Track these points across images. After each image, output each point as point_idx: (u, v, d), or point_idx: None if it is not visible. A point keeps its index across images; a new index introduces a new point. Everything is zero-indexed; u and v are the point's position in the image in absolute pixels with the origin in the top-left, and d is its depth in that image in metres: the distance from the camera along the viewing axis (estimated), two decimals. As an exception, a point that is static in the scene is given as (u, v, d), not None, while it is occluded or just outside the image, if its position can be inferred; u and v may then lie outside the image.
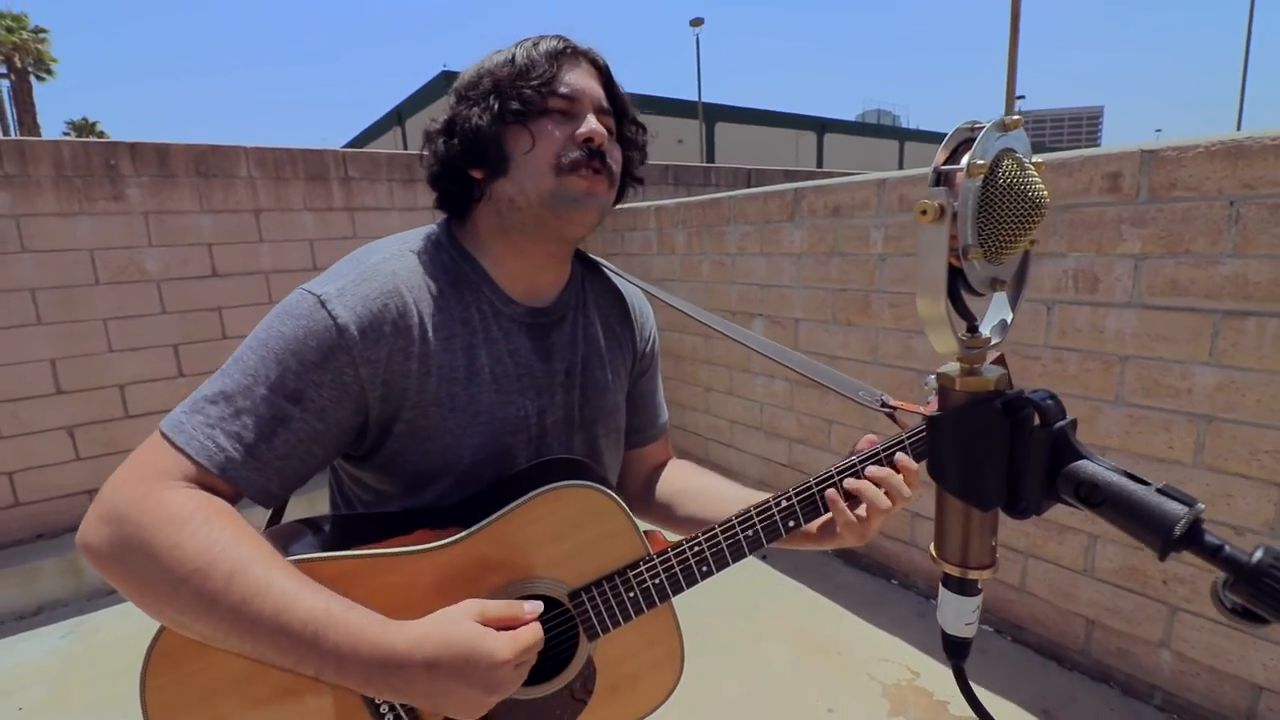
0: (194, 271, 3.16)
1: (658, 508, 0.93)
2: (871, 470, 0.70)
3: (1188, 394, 1.72)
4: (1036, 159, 0.34)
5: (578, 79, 0.72)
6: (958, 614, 0.42)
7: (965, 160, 0.32)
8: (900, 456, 0.71)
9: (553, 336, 0.79)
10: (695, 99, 22.48)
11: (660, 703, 0.79)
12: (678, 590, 0.73)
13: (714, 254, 3.28)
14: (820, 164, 27.29)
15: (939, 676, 2.05)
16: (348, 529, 0.75)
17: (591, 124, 0.71)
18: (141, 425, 3.10)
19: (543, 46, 0.72)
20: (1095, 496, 0.30)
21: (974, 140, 0.32)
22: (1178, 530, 0.27)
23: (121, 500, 0.57)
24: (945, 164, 0.33)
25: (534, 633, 0.62)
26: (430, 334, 0.69)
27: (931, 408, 0.72)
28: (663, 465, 0.99)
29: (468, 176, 0.74)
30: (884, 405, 0.77)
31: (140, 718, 0.61)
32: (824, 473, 0.73)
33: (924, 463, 0.74)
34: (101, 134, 28.74)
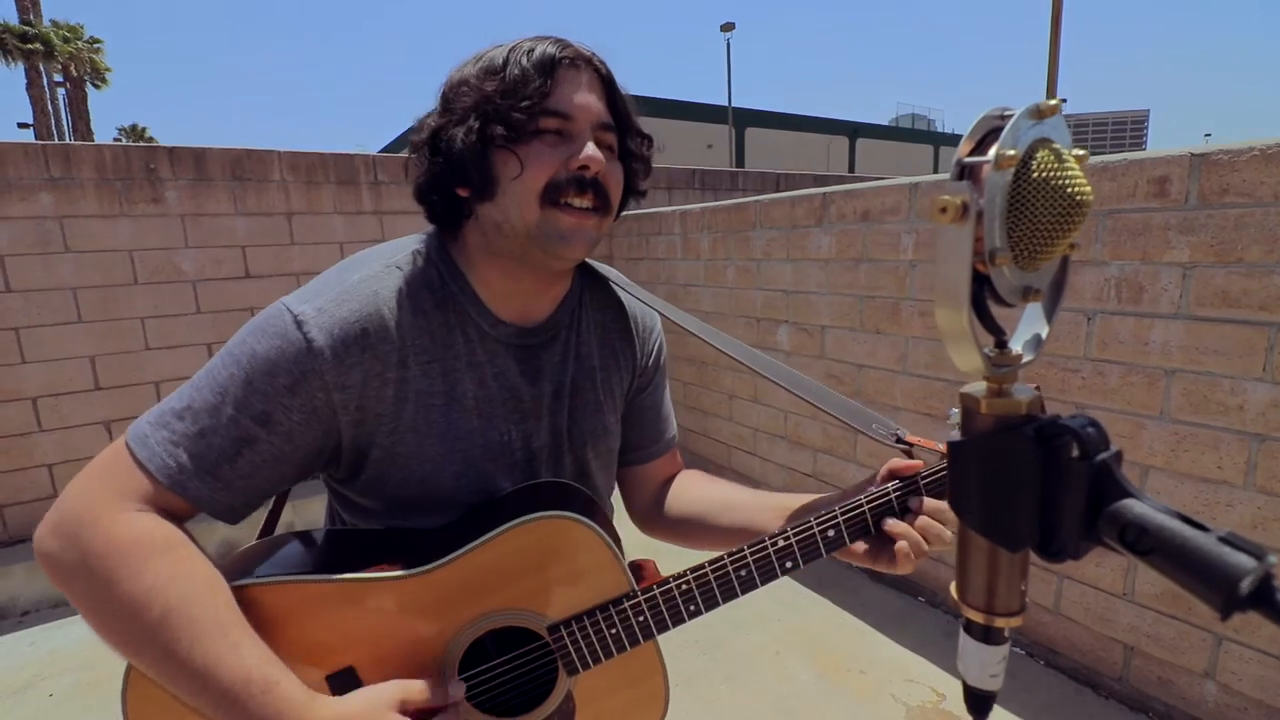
0: (228, 273, 3.23)
1: (668, 524, 0.89)
2: (892, 522, 0.67)
3: (1239, 411, 1.63)
4: (1078, 151, 0.30)
5: (576, 94, 0.65)
6: (982, 664, 0.37)
7: (993, 151, 0.28)
8: (916, 501, 0.68)
9: (542, 357, 0.76)
10: (725, 104, 22.40)
11: None
12: (663, 629, 0.69)
13: (739, 259, 3.23)
14: (852, 169, 26.97)
15: (967, 700, 1.97)
16: (333, 547, 0.73)
17: (589, 151, 0.64)
18: (174, 422, 3.17)
19: (537, 53, 0.64)
20: (1144, 542, 0.26)
21: (1003, 129, 0.28)
22: (1244, 587, 0.23)
23: (77, 517, 0.57)
24: (970, 155, 0.29)
25: None
26: (409, 359, 0.66)
27: None
28: (672, 478, 0.94)
29: (454, 193, 0.69)
30: (900, 441, 0.72)
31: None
32: (826, 514, 0.68)
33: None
34: (150, 139, 29.83)
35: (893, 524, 0.67)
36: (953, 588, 0.37)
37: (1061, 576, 2.05)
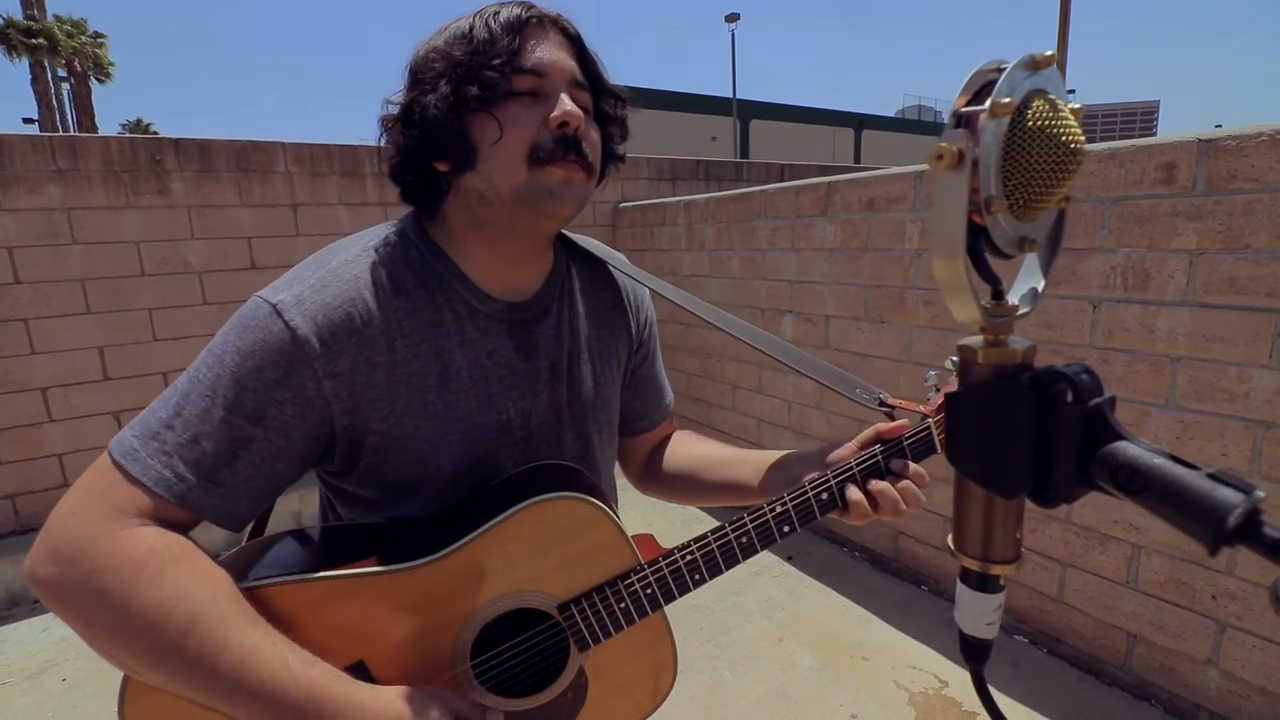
0: (233, 264, 3.24)
1: (663, 481, 0.92)
2: (876, 483, 0.69)
3: (1245, 398, 1.62)
4: (1074, 105, 0.31)
5: (546, 51, 0.63)
6: (978, 613, 0.38)
7: (989, 100, 0.28)
8: (899, 463, 0.69)
9: (536, 331, 0.73)
10: (730, 96, 22.27)
11: (654, 709, 0.76)
12: (670, 599, 0.70)
13: (744, 249, 3.23)
14: (858, 160, 26.82)
15: (968, 686, 1.98)
16: (331, 543, 0.70)
17: (565, 105, 0.63)
18: (182, 412, 3.20)
19: (503, 15, 0.62)
20: (1135, 482, 0.27)
21: (998, 80, 0.29)
22: (1232, 520, 0.23)
23: (74, 539, 0.54)
24: (966, 106, 0.30)
25: None
26: (397, 341, 0.64)
27: (932, 405, 0.71)
28: (667, 439, 0.96)
29: (432, 169, 0.67)
30: (882, 404, 0.75)
31: None
32: (820, 479, 0.70)
33: (929, 455, 0.73)
34: (154, 133, 29.85)
35: (876, 484, 0.69)
36: (949, 540, 0.38)
37: (1065, 565, 2.05)
